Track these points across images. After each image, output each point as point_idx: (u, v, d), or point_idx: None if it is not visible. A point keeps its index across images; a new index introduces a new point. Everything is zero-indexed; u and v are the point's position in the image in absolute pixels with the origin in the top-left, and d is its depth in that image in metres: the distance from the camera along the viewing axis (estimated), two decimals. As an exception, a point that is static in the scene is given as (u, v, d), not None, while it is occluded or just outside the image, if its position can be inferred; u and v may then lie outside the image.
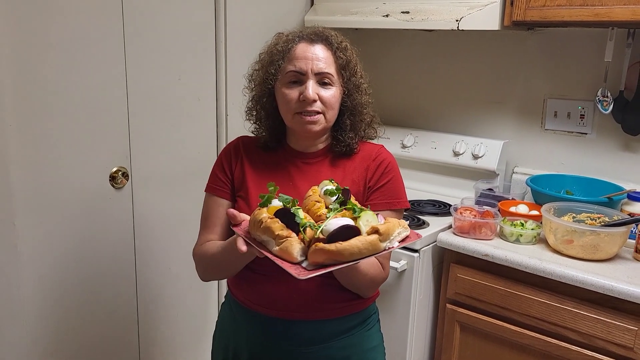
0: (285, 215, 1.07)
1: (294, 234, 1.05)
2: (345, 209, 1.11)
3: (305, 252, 1.05)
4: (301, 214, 1.09)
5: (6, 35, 1.53)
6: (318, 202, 1.14)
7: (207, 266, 1.35)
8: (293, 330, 1.30)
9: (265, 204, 1.12)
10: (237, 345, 1.39)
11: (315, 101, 1.28)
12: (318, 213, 1.12)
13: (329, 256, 1.01)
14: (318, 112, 1.29)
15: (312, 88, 1.27)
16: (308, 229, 1.06)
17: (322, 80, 1.29)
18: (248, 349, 1.36)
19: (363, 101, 1.36)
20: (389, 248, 1.04)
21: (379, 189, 1.32)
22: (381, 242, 1.03)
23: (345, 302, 1.32)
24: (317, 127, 1.30)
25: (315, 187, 1.20)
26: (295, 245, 1.04)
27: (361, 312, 1.36)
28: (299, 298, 1.29)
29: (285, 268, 1.03)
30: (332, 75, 1.30)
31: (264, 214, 1.08)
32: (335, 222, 1.05)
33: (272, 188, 1.15)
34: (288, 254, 1.04)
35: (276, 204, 1.13)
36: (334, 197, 1.14)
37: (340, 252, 1.00)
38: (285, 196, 1.14)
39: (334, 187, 1.16)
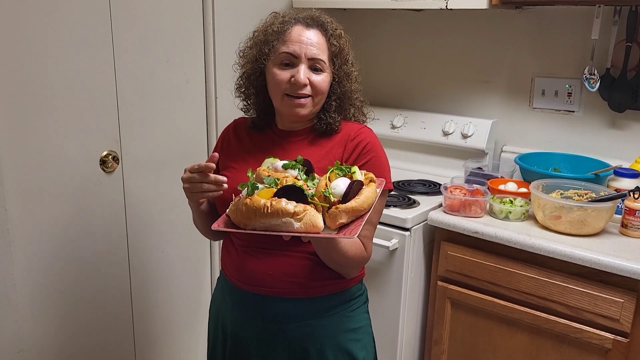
0: (293, 192, 1.07)
1: (309, 207, 1.07)
2: (332, 170, 1.17)
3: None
4: (303, 186, 1.11)
5: (-8, 18, 1.52)
6: (286, 176, 1.15)
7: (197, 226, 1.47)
8: (271, 307, 1.32)
9: (253, 191, 1.10)
10: (224, 318, 1.43)
11: (305, 85, 1.29)
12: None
13: (353, 213, 1.09)
14: (307, 96, 1.31)
15: (303, 72, 1.29)
16: (316, 198, 1.09)
17: (314, 65, 1.31)
18: (231, 323, 1.40)
19: (352, 88, 1.38)
20: (378, 192, 1.19)
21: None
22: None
23: (326, 280, 1.32)
24: (304, 111, 1.32)
25: (260, 168, 1.20)
26: (317, 215, 1.07)
27: (343, 292, 1.36)
28: (276, 274, 1.30)
29: (331, 237, 1.09)
30: (324, 62, 1.32)
31: (262, 200, 1.06)
32: (340, 182, 1.11)
33: (251, 174, 1.16)
34: (314, 225, 1.06)
35: (261, 188, 1.12)
36: (295, 170, 1.18)
37: (361, 206, 1.09)
38: (270, 178, 1.13)
39: (290, 161, 1.20)
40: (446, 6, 1.99)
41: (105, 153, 1.83)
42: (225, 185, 1.23)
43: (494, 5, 1.97)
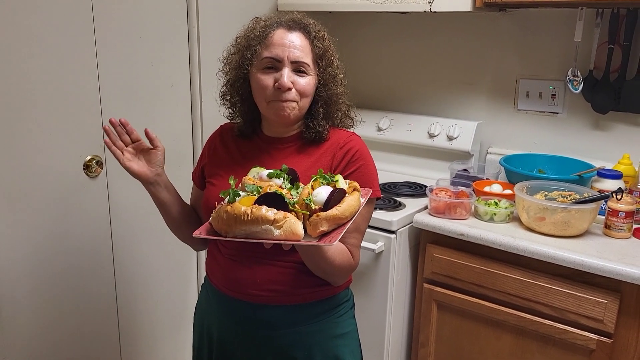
0: (274, 199, 1.06)
1: (289, 214, 1.06)
2: (316, 179, 1.15)
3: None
4: (285, 194, 1.10)
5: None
6: (270, 185, 1.14)
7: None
8: (259, 314, 1.31)
9: (234, 198, 1.09)
10: (210, 325, 1.42)
11: (290, 89, 1.28)
12: None
13: (334, 221, 1.08)
14: (292, 100, 1.29)
15: (287, 76, 1.27)
16: (297, 206, 1.08)
17: (298, 68, 1.29)
18: (217, 330, 1.39)
19: (338, 91, 1.36)
20: (362, 201, 1.18)
21: (346, 178, 1.28)
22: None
23: (313, 287, 1.32)
24: (290, 114, 1.30)
25: (246, 177, 1.20)
26: (297, 223, 1.06)
27: (330, 299, 1.36)
28: (264, 282, 1.29)
29: (310, 244, 1.08)
30: (308, 65, 1.30)
31: (242, 207, 1.05)
32: (322, 190, 1.10)
33: (232, 182, 1.15)
34: (294, 233, 1.05)
35: (242, 195, 1.12)
36: (279, 179, 1.17)
37: (342, 214, 1.08)
38: (252, 185, 1.13)
39: (275, 170, 1.18)
40: (430, 9, 2.00)
41: (89, 158, 1.81)
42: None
43: (478, 8, 1.98)
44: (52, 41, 1.66)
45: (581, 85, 2.06)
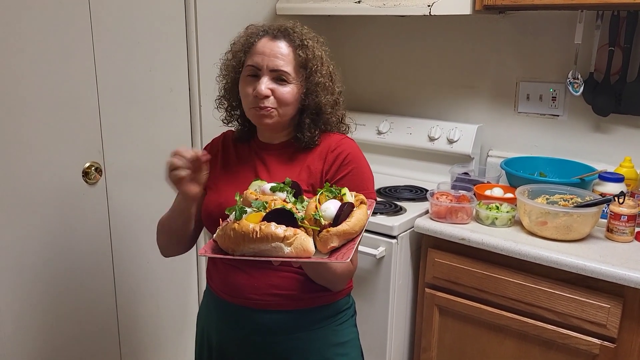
0: (282, 215, 1.05)
1: (299, 230, 1.04)
2: (322, 192, 1.14)
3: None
4: (292, 209, 1.08)
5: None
6: (274, 199, 1.12)
7: (160, 229, 1.46)
8: (258, 320, 1.31)
9: (241, 215, 1.07)
10: (209, 330, 1.42)
11: (267, 97, 1.28)
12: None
13: (344, 237, 1.07)
14: (270, 107, 1.29)
15: (265, 84, 1.28)
16: (306, 221, 1.07)
17: (279, 77, 1.29)
18: (217, 336, 1.39)
19: (324, 101, 1.33)
20: (369, 213, 1.16)
21: (339, 181, 1.29)
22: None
23: (314, 293, 1.31)
24: (269, 121, 1.31)
25: (247, 191, 1.18)
26: (308, 239, 1.04)
27: (331, 305, 1.35)
28: (263, 287, 1.29)
29: (323, 261, 1.07)
30: (289, 74, 1.30)
31: (250, 224, 1.03)
32: (331, 205, 1.08)
33: (238, 198, 1.13)
34: (305, 250, 1.03)
35: (249, 212, 1.09)
36: (283, 192, 1.15)
37: (353, 229, 1.07)
38: (258, 201, 1.11)
39: (278, 184, 1.16)
40: (430, 12, 1.99)
41: (87, 164, 1.80)
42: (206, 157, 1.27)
43: (478, 11, 1.98)
44: (50, 47, 1.65)
45: (582, 88, 2.05)
